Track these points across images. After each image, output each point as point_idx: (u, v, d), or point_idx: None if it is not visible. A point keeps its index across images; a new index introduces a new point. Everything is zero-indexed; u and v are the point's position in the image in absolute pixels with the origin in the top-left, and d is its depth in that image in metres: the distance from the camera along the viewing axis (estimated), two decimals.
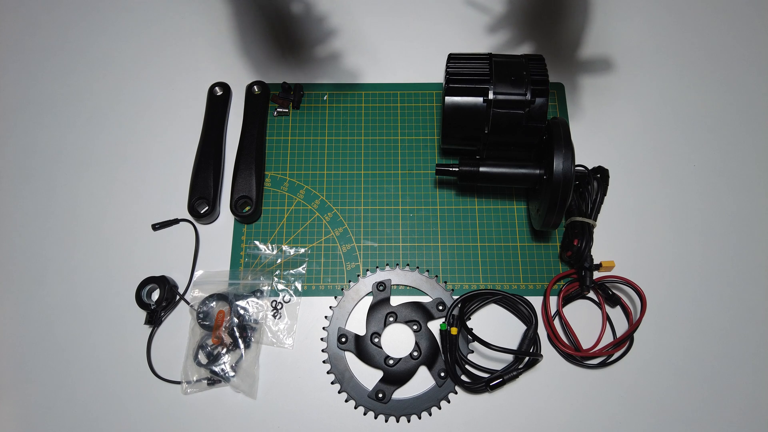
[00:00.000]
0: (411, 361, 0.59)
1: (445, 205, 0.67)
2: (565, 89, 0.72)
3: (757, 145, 0.70)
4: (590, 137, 0.69)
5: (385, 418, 0.58)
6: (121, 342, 0.61)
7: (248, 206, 0.64)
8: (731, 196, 0.67)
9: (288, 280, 0.63)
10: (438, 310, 0.62)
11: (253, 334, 0.61)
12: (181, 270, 0.64)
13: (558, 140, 0.57)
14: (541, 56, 0.60)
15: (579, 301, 0.63)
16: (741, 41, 0.75)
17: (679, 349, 0.61)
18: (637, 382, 0.60)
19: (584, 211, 0.63)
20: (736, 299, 0.63)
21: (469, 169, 0.62)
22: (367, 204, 0.67)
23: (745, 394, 0.59)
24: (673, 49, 0.75)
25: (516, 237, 0.65)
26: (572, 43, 0.75)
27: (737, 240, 0.65)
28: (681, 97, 0.72)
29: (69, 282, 0.63)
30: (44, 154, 0.69)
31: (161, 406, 0.59)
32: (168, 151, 0.69)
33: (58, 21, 0.76)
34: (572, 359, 0.60)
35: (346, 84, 0.73)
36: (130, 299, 0.61)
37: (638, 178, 0.68)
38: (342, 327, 0.61)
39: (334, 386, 0.59)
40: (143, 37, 0.75)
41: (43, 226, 0.66)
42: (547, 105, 0.58)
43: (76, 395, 0.59)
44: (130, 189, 0.68)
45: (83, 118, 0.71)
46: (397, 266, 0.64)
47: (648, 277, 0.63)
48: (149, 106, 0.72)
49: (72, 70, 0.73)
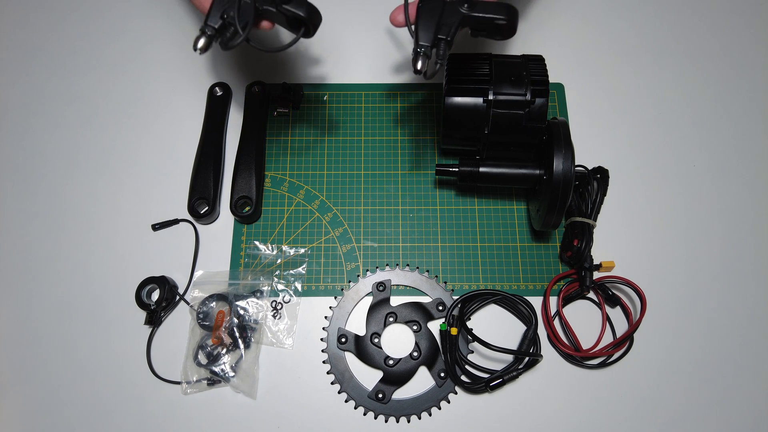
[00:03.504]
0: (411, 361, 0.59)
1: (445, 205, 0.67)
2: (565, 89, 0.72)
3: (757, 145, 0.70)
4: (590, 137, 0.69)
5: (385, 419, 0.58)
6: (121, 342, 0.61)
7: (248, 206, 0.64)
8: (731, 196, 0.67)
9: (288, 280, 0.63)
10: (438, 311, 0.62)
11: (253, 334, 0.61)
12: (181, 270, 0.64)
13: (558, 140, 0.57)
14: (541, 56, 0.60)
15: (579, 302, 0.63)
16: (741, 41, 0.75)
17: (679, 349, 0.61)
18: (637, 382, 0.60)
19: (584, 211, 0.63)
20: (737, 299, 0.63)
21: (469, 169, 0.62)
22: (367, 204, 0.67)
23: (745, 394, 0.59)
24: (673, 49, 0.75)
25: (516, 237, 0.65)
26: (572, 43, 0.75)
27: (737, 240, 0.65)
28: (681, 97, 0.72)
29: (69, 282, 0.63)
30: (44, 154, 0.69)
31: (161, 406, 0.59)
32: (168, 151, 0.69)
33: (58, 20, 0.76)
34: (572, 359, 0.60)
35: (346, 84, 0.73)
36: (130, 299, 0.61)
37: (638, 178, 0.68)
38: (342, 327, 0.61)
39: (334, 386, 0.59)
40: (143, 37, 0.75)
41: (43, 226, 0.66)
42: (547, 105, 0.57)
43: (76, 395, 0.59)
44: (129, 189, 0.68)
45: (83, 118, 0.71)
46: (397, 266, 0.64)
47: (648, 277, 0.63)
48: (149, 106, 0.72)
49: (71, 70, 0.73)
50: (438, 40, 0.48)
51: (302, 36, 0.50)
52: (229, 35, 0.48)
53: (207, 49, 0.47)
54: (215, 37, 0.48)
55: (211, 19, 0.47)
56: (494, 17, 0.49)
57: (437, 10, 0.49)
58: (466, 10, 0.49)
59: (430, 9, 0.49)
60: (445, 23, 0.49)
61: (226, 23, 0.48)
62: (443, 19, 0.49)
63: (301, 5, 0.48)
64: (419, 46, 0.48)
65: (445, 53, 0.49)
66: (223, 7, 0.48)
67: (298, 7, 0.48)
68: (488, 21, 0.49)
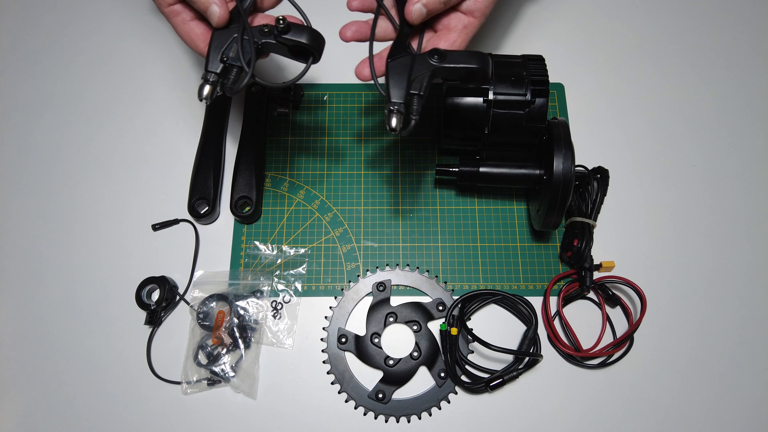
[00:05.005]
0: (411, 361, 0.59)
1: (445, 205, 0.67)
2: (565, 89, 0.72)
3: (757, 146, 0.70)
4: (590, 137, 0.69)
5: (385, 419, 0.58)
6: (121, 342, 0.61)
7: (248, 206, 0.64)
8: (732, 196, 0.67)
9: (288, 280, 0.63)
10: (438, 311, 0.62)
11: (253, 334, 0.61)
12: (181, 270, 0.64)
13: (558, 140, 0.57)
14: (541, 56, 0.60)
15: (579, 302, 0.63)
16: (741, 41, 0.75)
17: (679, 349, 0.61)
18: (637, 382, 0.60)
19: (584, 211, 0.63)
20: (737, 299, 0.63)
21: (469, 169, 0.62)
22: (367, 204, 0.67)
23: (745, 394, 0.59)
24: (672, 50, 0.75)
25: (516, 237, 0.65)
26: (572, 43, 0.75)
27: (738, 240, 0.65)
28: (681, 97, 0.72)
29: (69, 282, 0.63)
30: (44, 153, 0.69)
31: (161, 406, 0.59)
32: (168, 151, 0.69)
33: (58, 20, 0.76)
34: (572, 359, 0.60)
35: (346, 84, 0.73)
36: (130, 299, 0.61)
37: (638, 178, 0.68)
38: (342, 327, 0.61)
39: (334, 386, 0.59)
40: (143, 37, 0.75)
41: (43, 226, 0.66)
42: (547, 105, 0.57)
43: (76, 395, 0.59)
44: (130, 189, 0.68)
45: (83, 118, 0.71)
46: (397, 266, 0.64)
47: (648, 277, 0.63)
48: (149, 105, 0.72)
49: (71, 70, 0.73)
50: (411, 95, 0.47)
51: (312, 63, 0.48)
52: (232, 78, 0.46)
53: (213, 97, 0.46)
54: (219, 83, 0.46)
55: (212, 64, 0.46)
56: (465, 67, 0.47)
57: (407, 66, 0.47)
58: (436, 62, 0.47)
59: (399, 65, 0.47)
60: (417, 78, 0.47)
61: (227, 66, 0.46)
62: (414, 74, 0.47)
63: (302, 32, 0.46)
64: (392, 104, 0.46)
65: (419, 108, 0.47)
66: (221, 50, 0.46)
67: (298, 35, 0.46)
68: (460, 71, 0.48)
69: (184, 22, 0.50)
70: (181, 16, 0.50)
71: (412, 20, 0.49)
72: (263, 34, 0.46)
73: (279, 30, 0.46)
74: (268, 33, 0.46)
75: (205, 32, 0.49)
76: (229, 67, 0.46)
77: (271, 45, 0.47)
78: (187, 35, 0.50)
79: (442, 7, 0.49)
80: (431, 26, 0.51)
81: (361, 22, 0.52)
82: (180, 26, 0.50)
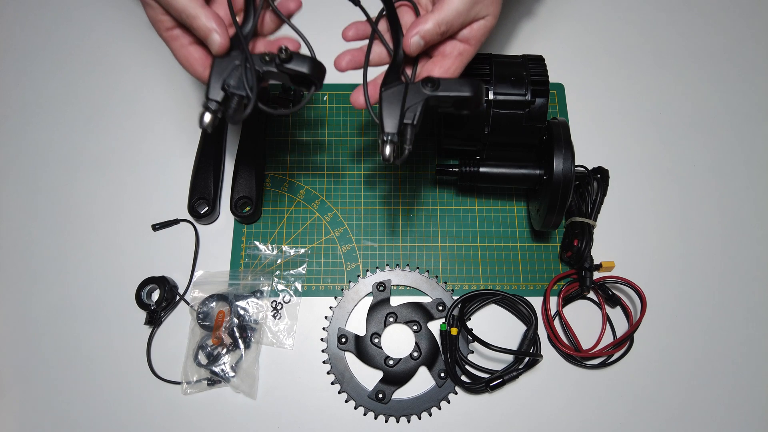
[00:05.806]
0: (411, 361, 0.59)
1: (445, 205, 0.67)
2: (565, 89, 0.72)
3: (757, 145, 0.70)
4: (590, 137, 0.69)
5: (385, 419, 0.58)
6: (121, 342, 0.61)
7: (248, 206, 0.64)
8: (731, 196, 0.67)
9: (288, 280, 0.63)
10: (438, 311, 0.62)
11: (253, 334, 0.61)
12: (181, 270, 0.64)
13: (558, 140, 0.57)
14: (541, 56, 0.60)
15: (579, 302, 0.63)
16: (742, 41, 0.75)
17: (679, 349, 0.61)
18: (637, 383, 0.60)
19: (584, 211, 0.63)
20: (737, 299, 0.63)
21: (469, 169, 0.62)
22: (367, 204, 0.67)
23: (745, 393, 0.59)
24: (673, 49, 0.75)
25: (516, 237, 0.65)
26: (572, 43, 0.75)
27: (738, 240, 0.65)
28: (681, 96, 0.72)
29: (69, 282, 0.63)
30: (44, 153, 0.69)
31: (161, 406, 0.59)
32: (168, 151, 0.69)
33: (58, 19, 0.76)
34: (572, 359, 0.60)
35: (346, 84, 0.73)
36: (130, 300, 0.61)
37: (638, 178, 0.68)
38: (342, 327, 0.61)
39: (334, 387, 0.59)
40: (143, 36, 0.75)
41: (43, 226, 0.66)
42: (547, 105, 0.57)
43: (76, 395, 0.59)
44: (130, 189, 0.68)
45: (83, 118, 0.71)
46: (397, 266, 0.64)
47: (648, 277, 0.63)
48: (149, 105, 0.72)
49: (71, 69, 0.73)
50: (404, 125, 0.47)
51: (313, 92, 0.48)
52: (234, 106, 0.46)
53: (214, 125, 0.45)
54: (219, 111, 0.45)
55: (212, 92, 0.45)
56: (459, 95, 0.47)
57: (400, 95, 0.47)
58: (429, 91, 0.47)
59: (393, 95, 0.47)
60: (410, 107, 0.47)
61: (228, 94, 0.46)
62: (408, 102, 0.47)
63: (303, 62, 0.46)
64: (386, 134, 0.46)
65: (412, 138, 0.47)
66: (223, 77, 0.45)
67: (300, 65, 0.46)
68: (453, 99, 0.47)
69: (183, 46, 0.49)
70: (179, 41, 0.49)
71: (410, 52, 0.49)
72: (264, 63, 0.46)
73: (281, 59, 0.46)
74: (270, 61, 0.46)
75: (204, 56, 0.49)
76: (230, 95, 0.46)
77: (273, 73, 0.47)
78: (186, 59, 0.49)
79: (439, 38, 0.49)
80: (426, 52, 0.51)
81: (356, 50, 0.52)
82: (179, 50, 0.50)
